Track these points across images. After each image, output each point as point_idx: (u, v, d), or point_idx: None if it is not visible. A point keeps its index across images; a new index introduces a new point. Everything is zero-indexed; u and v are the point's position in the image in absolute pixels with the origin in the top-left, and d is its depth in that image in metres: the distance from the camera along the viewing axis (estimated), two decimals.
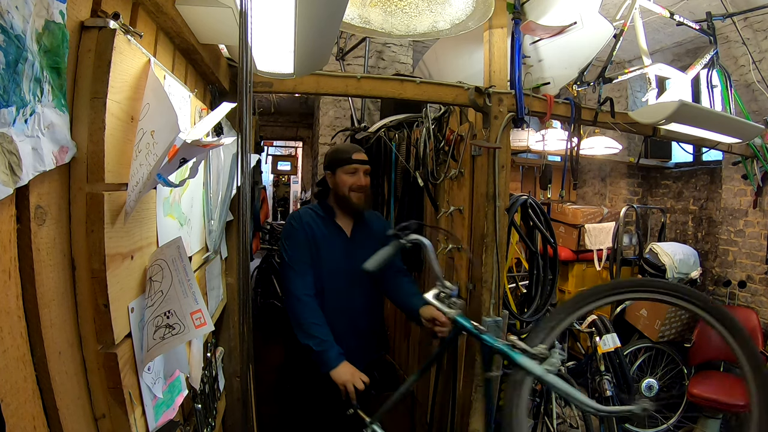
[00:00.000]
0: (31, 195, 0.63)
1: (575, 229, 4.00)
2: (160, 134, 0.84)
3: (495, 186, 2.01)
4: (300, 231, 1.88)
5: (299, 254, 1.85)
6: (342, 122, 4.05)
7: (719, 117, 2.35)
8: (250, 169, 0.92)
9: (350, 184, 1.89)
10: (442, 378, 2.46)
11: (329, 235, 1.93)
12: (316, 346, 1.71)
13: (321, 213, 1.96)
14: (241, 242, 0.92)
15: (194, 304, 0.96)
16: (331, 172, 1.94)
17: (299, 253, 1.85)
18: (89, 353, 0.78)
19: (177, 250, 0.97)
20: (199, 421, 1.36)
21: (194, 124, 1.25)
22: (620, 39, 2.36)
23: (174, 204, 1.15)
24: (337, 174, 1.91)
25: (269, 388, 3.11)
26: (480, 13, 1.46)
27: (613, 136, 3.65)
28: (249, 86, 0.83)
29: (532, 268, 2.34)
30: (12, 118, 0.57)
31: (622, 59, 4.18)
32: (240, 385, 1.73)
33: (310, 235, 1.88)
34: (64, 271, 0.73)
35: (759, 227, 3.36)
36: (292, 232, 1.90)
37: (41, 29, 0.62)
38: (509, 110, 2.03)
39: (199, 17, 1.09)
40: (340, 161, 1.91)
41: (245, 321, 0.92)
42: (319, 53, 1.24)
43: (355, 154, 1.92)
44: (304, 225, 1.89)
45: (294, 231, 1.89)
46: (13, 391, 0.60)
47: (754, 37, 2.99)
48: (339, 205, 1.94)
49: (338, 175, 1.91)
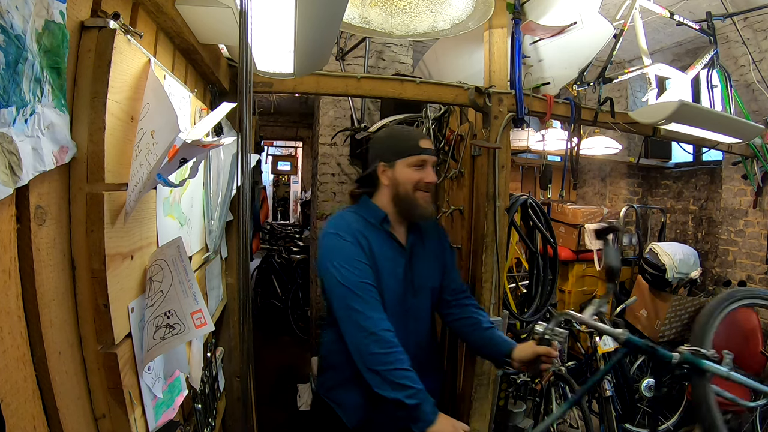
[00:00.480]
0: (31, 195, 0.63)
1: (575, 229, 3.99)
2: (160, 134, 0.84)
3: (495, 186, 2.01)
4: (354, 245, 1.40)
5: (362, 275, 1.36)
6: (342, 122, 4.04)
7: (719, 117, 2.35)
8: (250, 169, 0.92)
9: (416, 180, 1.45)
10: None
11: (386, 251, 1.48)
12: (408, 398, 1.28)
13: (371, 219, 1.49)
14: (241, 242, 0.92)
15: (194, 304, 0.96)
16: (388, 165, 1.48)
17: (362, 274, 1.36)
18: (89, 353, 0.78)
19: (177, 250, 0.97)
20: (199, 421, 1.36)
21: (194, 124, 1.25)
22: (620, 39, 2.36)
23: (174, 204, 1.15)
24: (398, 167, 1.46)
25: (269, 388, 3.11)
26: (480, 13, 1.46)
27: (613, 136, 3.65)
28: (249, 86, 0.83)
29: (532, 268, 2.34)
30: (12, 118, 0.57)
31: (622, 59, 4.18)
32: (240, 385, 1.73)
33: (367, 249, 1.42)
34: (64, 271, 0.73)
35: (759, 227, 3.36)
36: (343, 246, 1.40)
37: (41, 29, 0.62)
38: (509, 110, 2.03)
39: (199, 17, 1.09)
40: (402, 150, 1.47)
41: (245, 321, 0.92)
42: (319, 53, 1.24)
43: (422, 140, 1.48)
44: (356, 236, 1.42)
45: (346, 245, 1.40)
46: (13, 391, 0.60)
47: (754, 37, 2.99)
48: (398, 208, 1.49)
49: (399, 168, 1.46)
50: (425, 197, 1.47)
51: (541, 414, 2.54)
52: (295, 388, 3.98)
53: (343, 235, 1.41)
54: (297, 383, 4.04)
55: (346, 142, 4.05)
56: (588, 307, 1.56)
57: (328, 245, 1.42)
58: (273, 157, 8.22)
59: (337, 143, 4.04)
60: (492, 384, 2.10)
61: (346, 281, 1.35)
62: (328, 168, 4.08)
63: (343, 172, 4.11)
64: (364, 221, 1.48)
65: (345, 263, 1.37)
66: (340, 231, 1.43)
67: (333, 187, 4.09)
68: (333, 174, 4.09)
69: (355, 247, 1.40)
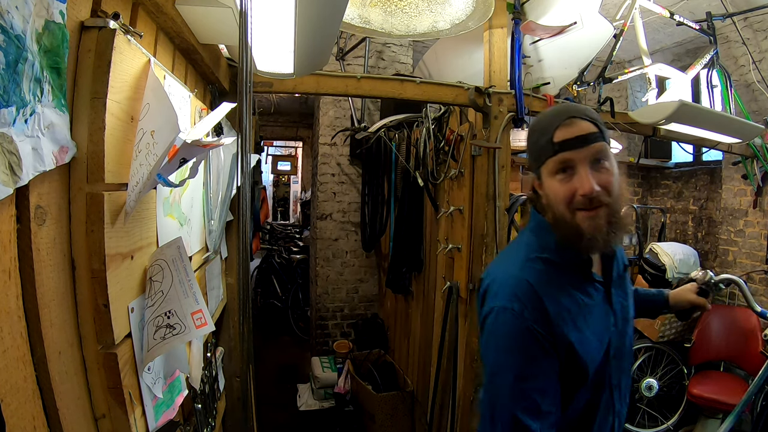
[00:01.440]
0: (31, 195, 0.63)
1: None
2: (160, 134, 0.84)
3: (495, 186, 2.01)
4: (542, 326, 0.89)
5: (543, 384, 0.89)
6: (342, 122, 4.05)
7: (719, 117, 2.35)
8: (250, 169, 0.92)
9: (566, 196, 0.91)
10: (441, 378, 2.46)
11: (584, 307, 0.95)
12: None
13: (556, 259, 0.96)
14: (241, 242, 0.92)
15: (195, 304, 0.96)
16: (537, 175, 1.00)
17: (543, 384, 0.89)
18: (89, 353, 0.78)
19: (177, 250, 0.97)
20: (199, 421, 1.36)
21: (194, 124, 1.25)
22: (620, 39, 2.36)
23: (174, 204, 1.15)
24: (544, 179, 0.96)
25: (269, 388, 3.11)
26: (480, 13, 1.46)
27: (613, 136, 3.65)
28: (249, 86, 0.83)
29: None
30: (12, 118, 0.57)
31: (622, 59, 4.18)
32: (240, 385, 1.73)
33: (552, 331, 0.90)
34: (64, 271, 0.73)
35: (759, 227, 3.35)
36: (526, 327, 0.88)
37: (41, 29, 0.62)
38: (509, 110, 2.03)
39: (199, 17, 1.09)
40: (539, 153, 0.96)
41: (245, 321, 0.92)
42: (319, 53, 1.24)
43: (560, 129, 0.92)
44: (544, 308, 0.89)
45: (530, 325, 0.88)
46: (13, 391, 0.60)
47: (754, 37, 2.99)
48: (563, 238, 0.95)
49: (545, 180, 0.96)
50: (592, 217, 0.90)
51: None
52: (295, 388, 3.98)
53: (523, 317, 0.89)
54: (297, 383, 4.05)
55: (346, 142, 4.05)
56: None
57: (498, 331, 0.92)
58: (273, 157, 8.22)
59: (337, 143, 4.04)
60: None
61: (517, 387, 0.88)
62: (328, 168, 4.08)
63: (343, 172, 4.11)
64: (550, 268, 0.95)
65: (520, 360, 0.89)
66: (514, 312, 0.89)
67: (333, 187, 4.10)
68: (333, 174, 4.09)
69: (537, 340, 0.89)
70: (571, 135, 0.91)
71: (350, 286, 4.16)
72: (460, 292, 2.25)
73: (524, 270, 0.94)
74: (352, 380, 3.48)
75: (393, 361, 3.58)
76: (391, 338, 3.81)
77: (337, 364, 3.82)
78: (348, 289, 4.16)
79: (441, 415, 2.48)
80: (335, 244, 4.10)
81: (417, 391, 3.06)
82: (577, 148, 0.90)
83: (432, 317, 2.73)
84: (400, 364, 3.49)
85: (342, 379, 3.58)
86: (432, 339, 2.69)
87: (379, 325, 3.98)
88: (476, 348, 2.07)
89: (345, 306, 4.17)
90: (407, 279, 3.24)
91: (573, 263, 0.96)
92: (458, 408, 2.25)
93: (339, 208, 4.11)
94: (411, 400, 3.10)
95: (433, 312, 2.72)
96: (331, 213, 4.09)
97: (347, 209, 4.11)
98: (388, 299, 3.82)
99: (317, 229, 4.14)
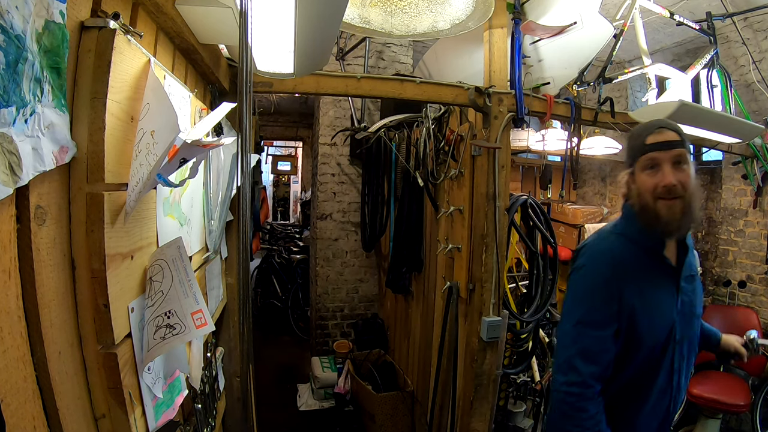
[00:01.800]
0: (31, 195, 0.63)
1: (575, 229, 4.00)
2: (160, 134, 0.84)
3: (495, 186, 2.01)
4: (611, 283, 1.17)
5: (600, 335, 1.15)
6: (342, 122, 4.05)
7: (719, 117, 2.35)
8: (250, 169, 0.92)
9: (652, 187, 1.16)
10: (441, 378, 2.46)
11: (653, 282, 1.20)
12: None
13: (636, 238, 1.21)
14: (241, 242, 0.92)
15: (195, 304, 0.96)
16: (631, 173, 1.23)
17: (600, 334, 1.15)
18: (89, 353, 0.78)
19: (177, 250, 0.97)
20: (199, 421, 1.36)
21: (194, 124, 1.25)
22: (620, 39, 2.36)
23: (174, 204, 1.15)
24: (637, 174, 1.21)
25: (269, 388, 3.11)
26: (480, 13, 1.46)
27: (613, 136, 3.65)
28: (249, 86, 0.83)
29: (532, 268, 2.35)
30: (12, 118, 0.57)
31: (622, 59, 4.18)
32: (240, 385, 1.73)
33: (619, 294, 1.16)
34: (64, 271, 0.73)
35: (759, 227, 3.35)
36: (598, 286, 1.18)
37: (41, 29, 0.62)
38: (509, 110, 2.03)
39: (199, 17, 1.09)
40: (633, 152, 1.22)
41: (245, 321, 0.92)
42: (319, 53, 1.24)
43: (652, 134, 1.18)
44: (616, 270, 1.18)
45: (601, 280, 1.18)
46: (13, 391, 0.60)
47: (754, 37, 2.99)
48: (645, 224, 1.19)
49: (638, 175, 1.21)
50: (669, 205, 1.13)
51: (541, 414, 2.54)
52: (295, 388, 3.98)
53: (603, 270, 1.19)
54: (297, 383, 4.05)
55: (346, 142, 4.05)
56: None
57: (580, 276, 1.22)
58: (273, 157, 8.21)
59: (337, 143, 4.04)
60: (492, 384, 2.10)
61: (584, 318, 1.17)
62: (328, 168, 4.08)
63: (343, 172, 4.11)
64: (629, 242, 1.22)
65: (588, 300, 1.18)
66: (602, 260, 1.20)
67: (333, 187, 4.10)
68: (333, 174, 4.09)
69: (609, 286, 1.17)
70: (659, 140, 1.16)
71: (350, 286, 4.16)
72: (460, 292, 2.25)
73: (609, 241, 1.23)
74: (352, 380, 3.48)
75: (393, 361, 3.58)
76: (391, 338, 3.81)
77: (337, 364, 3.82)
78: (348, 289, 4.16)
79: (441, 415, 2.48)
80: (335, 244, 4.10)
81: (417, 391, 3.06)
82: (663, 150, 1.15)
83: (432, 317, 2.73)
84: (400, 364, 3.49)
85: (342, 379, 3.58)
86: (432, 339, 2.69)
87: (379, 325, 3.98)
88: (476, 348, 2.07)
89: (345, 306, 4.17)
90: (407, 279, 3.24)
91: (650, 244, 1.20)
92: (458, 408, 2.24)
93: (339, 208, 4.11)
94: (411, 400, 3.10)
95: (433, 312, 2.72)
96: (331, 213, 4.09)
97: (347, 209, 4.11)
98: (388, 299, 3.82)
99: (317, 229, 4.14)
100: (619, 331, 1.16)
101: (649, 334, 1.17)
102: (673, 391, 1.23)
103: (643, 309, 1.16)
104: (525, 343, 2.48)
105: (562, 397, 1.15)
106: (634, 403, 1.22)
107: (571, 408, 1.14)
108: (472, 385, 2.08)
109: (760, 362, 3.01)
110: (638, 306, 1.16)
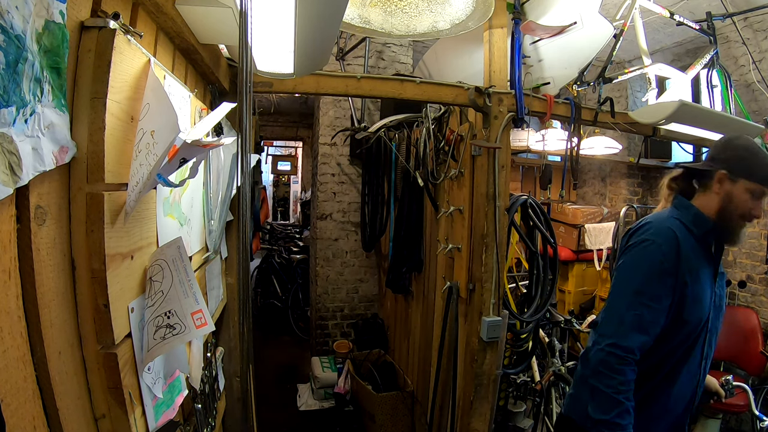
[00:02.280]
0: (31, 195, 0.63)
1: (575, 229, 3.99)
2: (160, 134, 0.84)
3: (495, 186, 2.01)
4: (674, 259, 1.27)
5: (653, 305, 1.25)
6: (342, 122, 4.05)
7: (719, 117, 2.35)
8: (250, 169, 0.92)
9: (749, 209, 1.31)
10: (441, 378, 2.46)
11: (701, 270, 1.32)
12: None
13: (694, 229, 1.34)
14: (241, 242, 0.92)
15: (195, 304, 0.96)
16: (731, 177, 1.32)
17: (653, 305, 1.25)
18: (89, 353, 0.78)
19: (177, 250, 0.97)
20: (199, 421, 1.36)
21: (194, 124, 1.25)
22: (620, 39, 2.36)
23: (174, 204, 1.15)
24: (739, 185, 1.30)
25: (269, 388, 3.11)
26: (480, 13, 1.46)
27: (613, 136, 3.65)
28: (249, 86, 0.83)
29: (532, 268, 2.34)
30: (12, 118, 0.57)
31: (622, 59, 4.18)
32: (240, 385, 1.73)
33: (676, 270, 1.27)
34: (64, 271, 0.73)
35: (759, 227, 3.35)
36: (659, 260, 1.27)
37: (41, 29, 0.62)
38: (509, 110, 2.03)
39: (199, 17, 1.09)
40: (755, 173, 1.30)
41: (245, 321, 0.92)
42: (319, 53, 1.24)
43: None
44: (679, 249, 1.28)
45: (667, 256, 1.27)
46: (13, 391, 0.60)
47: (754, 37, 2.99)
48: (718, 223, 1.35)
49: (740, 187, 1.30)
50: (743, 226, 1.34)
51: (540, 414, 2.54)
52: (295, 388, 3.98)
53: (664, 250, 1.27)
54: (297, 383, 4.05)
55: (346, 142, 4.05)
56: None
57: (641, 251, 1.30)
58: (273, 157, 8.21)
59: (337, 143, 4.04)
60: (492, 384, 2.10)
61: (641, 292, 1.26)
62: (328, 168, 4.08)
63: (343, 172, 4.11)
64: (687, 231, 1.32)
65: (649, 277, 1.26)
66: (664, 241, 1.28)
67: (333, 187, 4.10)
68: (333, 174, 4.09)
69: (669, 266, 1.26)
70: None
71: (350, 286, 4.16)
72: (460, 292, 2.25)
73: (671, 222, 1.33)
74: (352, 380, 3.48)
75: (393, 361, 3.58)
76: (391, 338, 3.81)
77: (337, 364, 3.82)
78: (348, 289, 4.16)
79: (441, 415, 2.48)
80: (335, 244, 4.10)
81: (417, 391, 3.06)
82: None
83: (432, 317, 2.73)
84: (400, 364, 3.49)
85: (342, 379, 3.58)
86: (432, 339, 2.69)
87: (379, 325, 3.98)
88: (476, 348, 2.07)
89: (345, 306, 4.17)
90: (407, 279, 3.24)
91: (701, 236, 1.33)
92: (458, 408, 2.24)
93: (339, 208, 4.11)
94: (411, 400, 3.10)
95: (433, 312, 2.72)
96: (331, 213, 4.10)
97: (347, 209, 4.12)
98: (388, 299, 3.82)
99: (317, 229, 4.14)
100: (671, 305, 1.26)
101: (692, 315, 1.27)
102: (700, 378, 1.35)
103: (693, 289, 1.27)
104: (525, 343, 2.48)
105: (603, 357, 1.22)
106: (665, 381, 1.31)
107: (608, 368, 1.21)
108: (472, 385, 2.08)
109: (759, 362, 3.01)
110: (690, 284, 1.27)
